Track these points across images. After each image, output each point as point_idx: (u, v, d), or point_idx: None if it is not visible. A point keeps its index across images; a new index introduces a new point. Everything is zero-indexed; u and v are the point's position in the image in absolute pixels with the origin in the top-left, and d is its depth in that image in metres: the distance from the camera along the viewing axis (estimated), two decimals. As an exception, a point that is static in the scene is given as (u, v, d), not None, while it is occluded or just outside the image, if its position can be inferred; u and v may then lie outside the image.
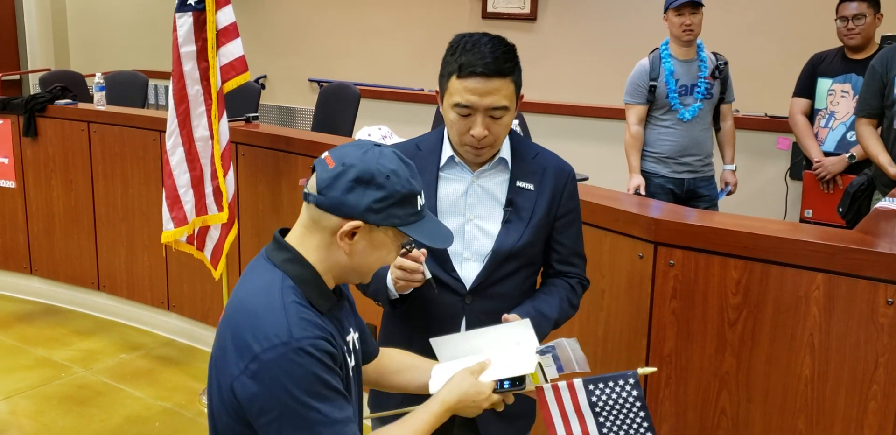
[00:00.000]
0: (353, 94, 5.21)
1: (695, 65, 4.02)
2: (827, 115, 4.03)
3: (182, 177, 3.65)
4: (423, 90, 6.56)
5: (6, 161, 5.02)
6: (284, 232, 1.56)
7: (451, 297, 1.92)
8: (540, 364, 1.71)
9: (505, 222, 1.94)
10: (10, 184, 5.02)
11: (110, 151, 4.66)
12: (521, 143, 2.02)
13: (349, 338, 1.59)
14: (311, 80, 7.14)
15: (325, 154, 1.49)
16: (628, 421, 1.72)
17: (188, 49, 3.53)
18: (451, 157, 1.97)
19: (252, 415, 1.42)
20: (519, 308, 1.94)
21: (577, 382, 1.72)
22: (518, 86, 1.87)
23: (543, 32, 6.04)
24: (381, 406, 2.00)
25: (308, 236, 1.50)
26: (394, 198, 1.45)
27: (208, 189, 3.68)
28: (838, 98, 3.97)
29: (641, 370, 1.72)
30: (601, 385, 1.72)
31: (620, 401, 1.70)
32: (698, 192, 4.10)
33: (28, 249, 5.11)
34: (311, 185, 1.48)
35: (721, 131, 4.23)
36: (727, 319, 2.29)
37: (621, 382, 1.71)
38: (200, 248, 3.81)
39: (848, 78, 3.96)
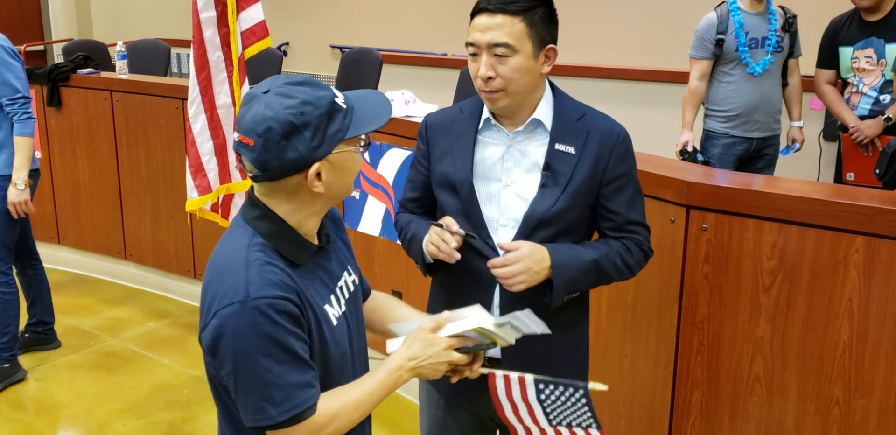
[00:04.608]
0: (375, 60, 5.14)
1: (765, 17, 3.91)
2: (855, 82, 3.91)
3: (205, 145, 3.62)
4: (445, 55, 6.47)
5: (31, 131, 5.01)
6: None
7: (485, 263, 1.85)
8: (510, 323, 1.63)
9: (541, 187, 1.86)
10: (36, 154, 5.01)
11: (133, 120, 4.64)
12: (565, 103, 1.93)
13: (340, 283, 1.59)
14: (332, 47, 7.08)
15: (237, 135, 1.44)
16: (574, 416, 1.71)
17: (208, 14, 3.48)
18: (488, 120, 1.91)
19: (216, 366, 1.45)
20: (551, 244, 1.85)
21: (528, 378, 1.69)
22: (532, 27, 1.78)
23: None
24: None
25: (273, 193, 1.49)
26: (322, 122, 1.42)
27: (231, 157, 3.65)
28: (863, 64, 3.85)
29: (592, 385, 1.66)
30: (552, 386, 1.68)
31: (569, 404, 1.69)
32: (763, 152, 4.01)
33: (55, 219, 5.13)
34: (250, 169, 1.44)
35: (788, 87, 4.09)
36: (762, 284, 2.23)
37: (571, 390, 1.68)
38: (225, 215, 3.80)
39: (869, 42, 3.83)
